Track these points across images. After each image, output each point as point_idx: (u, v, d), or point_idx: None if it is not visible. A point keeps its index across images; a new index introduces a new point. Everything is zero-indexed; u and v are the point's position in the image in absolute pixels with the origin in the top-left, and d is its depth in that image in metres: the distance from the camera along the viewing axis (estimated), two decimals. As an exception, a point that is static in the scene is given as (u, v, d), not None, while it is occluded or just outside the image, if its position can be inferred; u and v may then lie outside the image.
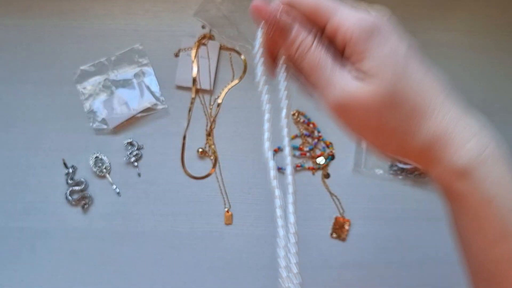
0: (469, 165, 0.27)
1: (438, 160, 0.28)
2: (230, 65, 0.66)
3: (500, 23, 0.69)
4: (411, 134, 0.28)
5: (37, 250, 0.61)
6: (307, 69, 0.29)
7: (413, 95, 0.27)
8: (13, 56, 0.64)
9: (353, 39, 0.27)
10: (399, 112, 0.27)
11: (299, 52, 0.29)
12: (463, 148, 0.27)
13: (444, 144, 0.28)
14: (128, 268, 0.61)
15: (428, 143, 0.28)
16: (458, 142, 0.27)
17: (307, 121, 0.65)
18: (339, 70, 0.28)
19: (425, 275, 0.63)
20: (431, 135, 0.28)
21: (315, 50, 0.28)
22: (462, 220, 0.30)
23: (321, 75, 0.28)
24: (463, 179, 0.28)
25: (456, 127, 0.27)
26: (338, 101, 0.28)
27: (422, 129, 0.28)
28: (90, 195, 0.62)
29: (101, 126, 0.63)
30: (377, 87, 0.27)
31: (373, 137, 0.29)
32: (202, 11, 0.64)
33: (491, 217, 0.27)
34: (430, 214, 0.64)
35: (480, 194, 0.27)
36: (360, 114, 0.28)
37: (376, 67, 0.27)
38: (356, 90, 0.27)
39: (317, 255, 0.63)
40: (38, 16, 0.66)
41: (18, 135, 0.63)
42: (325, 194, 0.64)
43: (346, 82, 0.27)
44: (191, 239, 0.62)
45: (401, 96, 0.27)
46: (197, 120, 0.65)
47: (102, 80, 0.64)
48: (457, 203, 0.29)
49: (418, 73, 0.28)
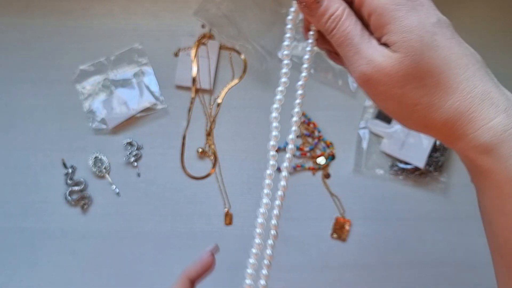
0: (494, 142, 0.27)
1: (461, 136, 0.28)
2: (230, 65, 0.66)
3: (500, 23, 0.69)
4: (434, 107, 0.28)
5: (36, 250, 0.61)
6: (336, 40, 0.29)
7: (438, 68, 0.27)
8: (12, 56, 0.64)
9: (378, 9, 0.27)
10: (423, 84, 0.27)
11: (329, 23, 0.29)
12: (487, 125, 0.27)
13: (467, 120, 0.27)
14: (127, 268, 0.61)
15: (451, 118, 0.27)
16: (483, 118, 0.27)
17: (307, 121, 0.65)
18: (367, 41, 0.28)
19: (426, 275, 0.63)
20: (455, 110, 0.27)
21: (345, 21, 0.29)
22: (486, 197, 0.29)
23: (349, 46, 0.29)
24: (487, 156, 0.27)
25: (482, 103, 0.27)
26: (364, 72, 0.28)
27: (446, 103, 0.27)
28: (89, 195, 0.62)
29: (100, 126, 0.63)
30: (402, 57, 0.27)
31: (396, 109, 0.29)
32: (202, 11, 0.64)
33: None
34: (431, 214, 0.64)
35: (504, 171, 0.27)
36: (384, 85, 0.28)
37: (402, 38, 0.27)
38: (381, 61, 0.27)
39: (317, 255, 0.62)
40: (37, 15, 0.65)
41: (17, 135, 0.63)
42: (326, 194, 0.64)
43: (372, 53, 0.28)
44: (191, 239, 0.62)
45: (426, 68, 0.27)
46: (196, 120, 0.65)
47: (101, 79, 0.64)
48: (481, 179, 0.29)
49: (446, 46, 0.27)
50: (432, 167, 0.63)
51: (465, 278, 0.63)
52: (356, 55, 0.28)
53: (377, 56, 0.28)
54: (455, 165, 0.65)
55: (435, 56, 0.27)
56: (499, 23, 0.69)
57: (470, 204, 0.64)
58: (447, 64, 0.27)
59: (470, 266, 0.63)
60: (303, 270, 0.62)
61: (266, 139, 0.65)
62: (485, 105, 0.27)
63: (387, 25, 0.27)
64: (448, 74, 0.27)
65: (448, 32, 0.28)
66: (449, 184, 0.65)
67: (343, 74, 0.65)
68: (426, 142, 0.63)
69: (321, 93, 0.66)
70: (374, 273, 0.62)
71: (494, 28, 0.69)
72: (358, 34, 0.28)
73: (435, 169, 0.63)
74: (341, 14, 0.29)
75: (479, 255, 0.63)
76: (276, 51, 0.65)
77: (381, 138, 0.65)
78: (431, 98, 0.27)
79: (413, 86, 0.27)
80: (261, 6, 0.65)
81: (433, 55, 0.27)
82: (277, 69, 0.65)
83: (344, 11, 0.29)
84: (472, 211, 0.64)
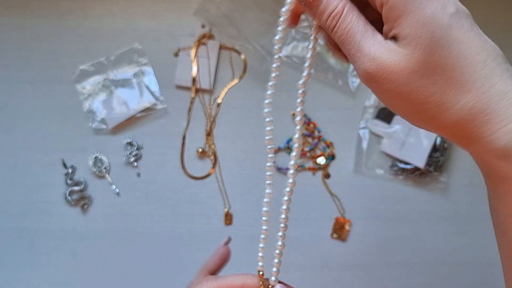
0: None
1: (476, 138, 0.26)
2: (230, 65, 0.66)
3: (500, 23, 0.69)
4: (444, 106, 0.26)
5: (36, 250, 0.61)
6: (338, 38, 0.28)
7: (451, 65, 0.25)
8: (12, 56, 0.64)
9: (391, 0, 0.25)
10: (433, 82, 0.25)
11: (329, 21, 0.28)
12: (505, 127, 0.25)
13: (483, 121, 0.25)
14: (127, 268, 0.61)
15: (465, 118, 0.25)
16: (501, 120, 0.25)
17: (307, 121, 0.65)
18: (370, 37, 0.27)
19: (426, 275, 0.63)
20: (469, 109, 0.25)
21: (346, 18, 0.27)
22: (501, 202, 0.27)
23: (351, 44, 0.27)
24: (505, 161, 0.25)
25: (500, 103, 0.25)
26: (366, 70, 0.27)
27: (459, 103, 0.25)
28: (89, 195, 0.62)
29: (100, 126, 0.63)
30: (410, 53, 0.25)
31: (403, 107, 0.28)
32: (201, 11, 0.64)
33: None
34: (431, 214, 0.64)
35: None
36: (389, 83, 0.26)
37: (413, 32, 0.25)
38: (386, 58, 0.26)
39: (317, 255, 0.62)
40: (37, 15, 0.65)
41: (18, 135, 0.63)
42: (326, 194, 0.64)
43: (376, 49, 0.26)
44: (191, 239, 0.62)
45: (438, 64, 0.25)
46: (196, 120, 0.65)
47: (101, 79, 0.64)
48: (498, 184, 0.27)
49: (463, 40, 0.25)
50: (432, 167, 0.63)
51: (465, 278, 0.63)
52: (358, 52, 0.27)
53: (381, 52, 0.26)
54: (455, 165, 0.65)
55: (447, 52, 0.25)
56: (499, 23, 0.69)
57: (470, 204, 0.64)
58: (462, 60, 0.25)
59: (470, 266, 0.63)
60: (303, 270, 0.62)
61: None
62: (504, 105, 0.25)
63: (398, 18, 0.25)
64: (462, 71, 0.25)
65: (466, 24, 0.26)
66: (449, 184, 0.65)
67: (343, 74, 0.65)
68: (426, 142, 0.63)
69: (321, 93, 0.66)
70: (374, 273, 0.62)
71: (494, 28, 0.69)
72: (361, 30, 0.27)
73: (435, 169, 0.63)
74: (341, 11, 0.27)
75: (479, 255, 0.63)
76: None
77: (381, 138, 0.65)
78: (442, 97, 0.25)
79: (421, 83, 0.25)
80: (261, 6, 0.65)
81: (446, 51, 0.25)
82: (277, 69, 0.65)
83: (344, 7, 0.27)
84: (472, 211, 0.64)
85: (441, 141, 0.64)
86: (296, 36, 0.66)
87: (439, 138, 0.63)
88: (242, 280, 0.33)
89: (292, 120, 0.65)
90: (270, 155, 0.34)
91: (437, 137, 0.63)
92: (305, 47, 0.66)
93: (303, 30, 0.66)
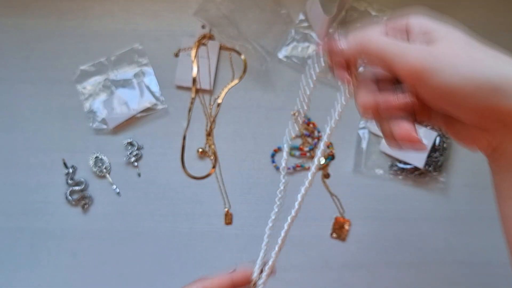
0: None
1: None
2: (230, 65, 0.66)
3: (500, 23, 0.69)
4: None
5: (37, 250, 0.61)
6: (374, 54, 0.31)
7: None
8: (12, 56, 0.64)
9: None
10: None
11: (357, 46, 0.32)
12: None
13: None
14: (128, 268, 0.61)
15: None
16: None
17: (307, 121, 0.65)
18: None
19: (425, 275, 0.63)
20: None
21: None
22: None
23: (392, 48, 0.30)
24: None
25: None
26: (417, 62, 0.28)
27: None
28: (90, 195, 0.62)
29: (101, 126, 0.63)
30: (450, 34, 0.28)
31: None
32: (202, 11, 0.64)
33: None
34: (430, 214, 0.64)
35: None
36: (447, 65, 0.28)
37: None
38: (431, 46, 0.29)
39: (317, 255, 0.63)
40: (37, 16, 0.65)
41: (18, 135, 0.63)
42: (325, 194, 0.64)
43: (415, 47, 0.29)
44: (191, 239, 0.62)
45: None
46: (197, 120, 0.65)
47: (102, 80, 0.64)
48: None
49: (484, 48, 0.28)
50: (432, 167, 0.63)
51: (465, 278, 0.63)
52: (405, 49, 0.29)
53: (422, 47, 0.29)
54: (454, 165, 0.65)
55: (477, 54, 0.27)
56: (499, 23, 0.69)
57: (469, 204, 0.65)
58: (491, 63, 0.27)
59: (470, 266, 0.63)
60: (303, 270, 0.62)
61: (266, 139, 0.65)
62: None
63: None
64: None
65: (479, 41, 0.29)
66: (448, 184, 0.65)
67: (343, 74, 0.65)
68: (425, 142, 0.63)
69: (321, 93, 0.66)
70: (374, 273, 0.62)
71: (494, 28, 0.69)
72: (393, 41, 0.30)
73: (435, 169, 0.63)
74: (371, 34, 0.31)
75: (479, 255, 0.63)
76: (276, 51, 0.65)
77: (381, 138, 0.65)
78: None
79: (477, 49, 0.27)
80: (261, 6, 0.66)
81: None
82: (277, 69, 0.65)
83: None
84: (471, 211, 0.64)
85: (440, 141, 0.64)
86: (296, 37, 0.66)
87: (438, 138, 0.64)
88: (230, 275, 0.37)
89: (292, 120, 0.65)
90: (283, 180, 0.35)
91: (437, 137, 0.64)
92: (305, 47, 0.66)
93: (303, 31, 0.66)
